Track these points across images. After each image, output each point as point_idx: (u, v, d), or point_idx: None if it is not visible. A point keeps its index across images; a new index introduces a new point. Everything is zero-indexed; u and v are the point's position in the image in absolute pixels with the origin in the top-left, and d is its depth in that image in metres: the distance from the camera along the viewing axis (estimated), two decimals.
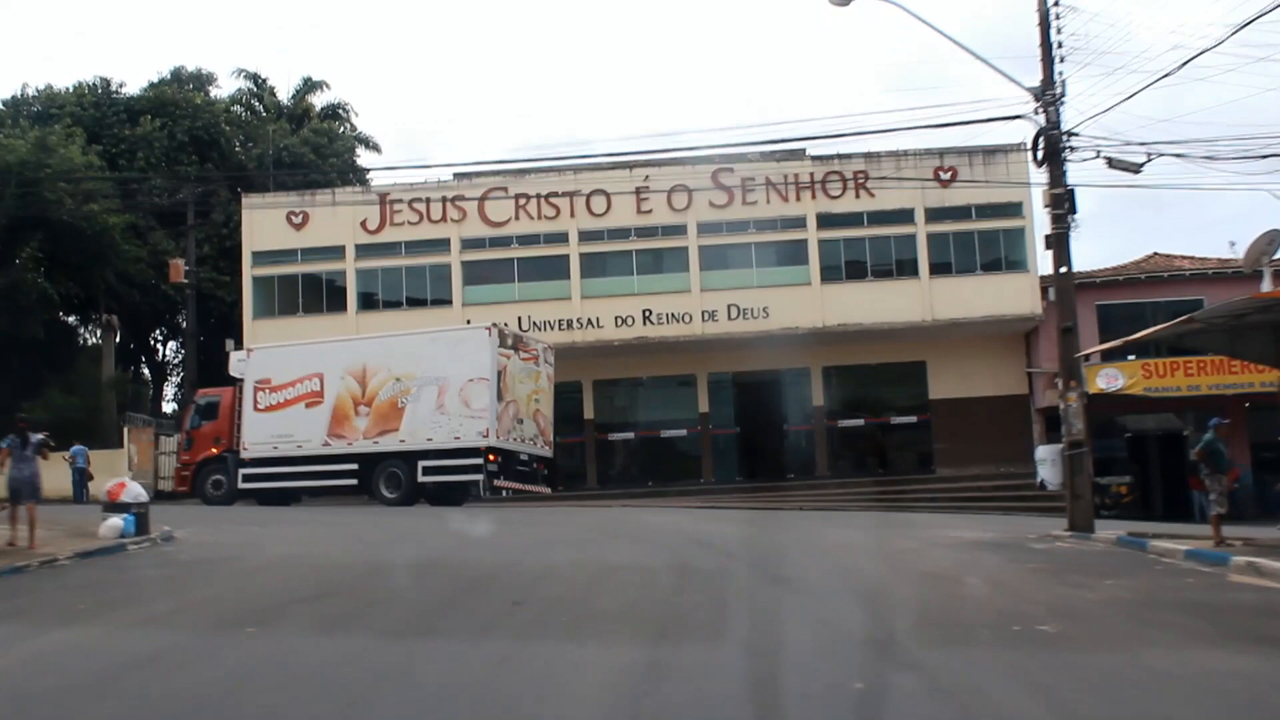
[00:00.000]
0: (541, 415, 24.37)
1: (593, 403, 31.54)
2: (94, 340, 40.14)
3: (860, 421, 31.75)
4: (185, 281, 34.06)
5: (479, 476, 22.43)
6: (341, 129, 45.95)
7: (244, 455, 23.86)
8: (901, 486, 28.80)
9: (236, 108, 44.22)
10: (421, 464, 22.55)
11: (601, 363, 31.14)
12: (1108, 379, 27.73)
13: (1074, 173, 15.30)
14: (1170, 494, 28.79)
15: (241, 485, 23.88)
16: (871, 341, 30.71)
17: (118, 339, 38.40)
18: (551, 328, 29.92)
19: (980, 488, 28.73)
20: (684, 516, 18.91)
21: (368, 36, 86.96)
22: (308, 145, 41.20)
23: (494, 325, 23.00)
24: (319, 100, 46.01)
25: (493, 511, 22.02)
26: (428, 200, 30.65)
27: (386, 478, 22.91)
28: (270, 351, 25.42)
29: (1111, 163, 15.17)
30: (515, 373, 23.32)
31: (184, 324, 38.25)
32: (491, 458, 22.29)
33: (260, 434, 23.72)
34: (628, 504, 26.48)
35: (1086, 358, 29.61)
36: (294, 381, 23.76)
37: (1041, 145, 15.27)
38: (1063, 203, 15.15)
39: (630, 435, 31.94)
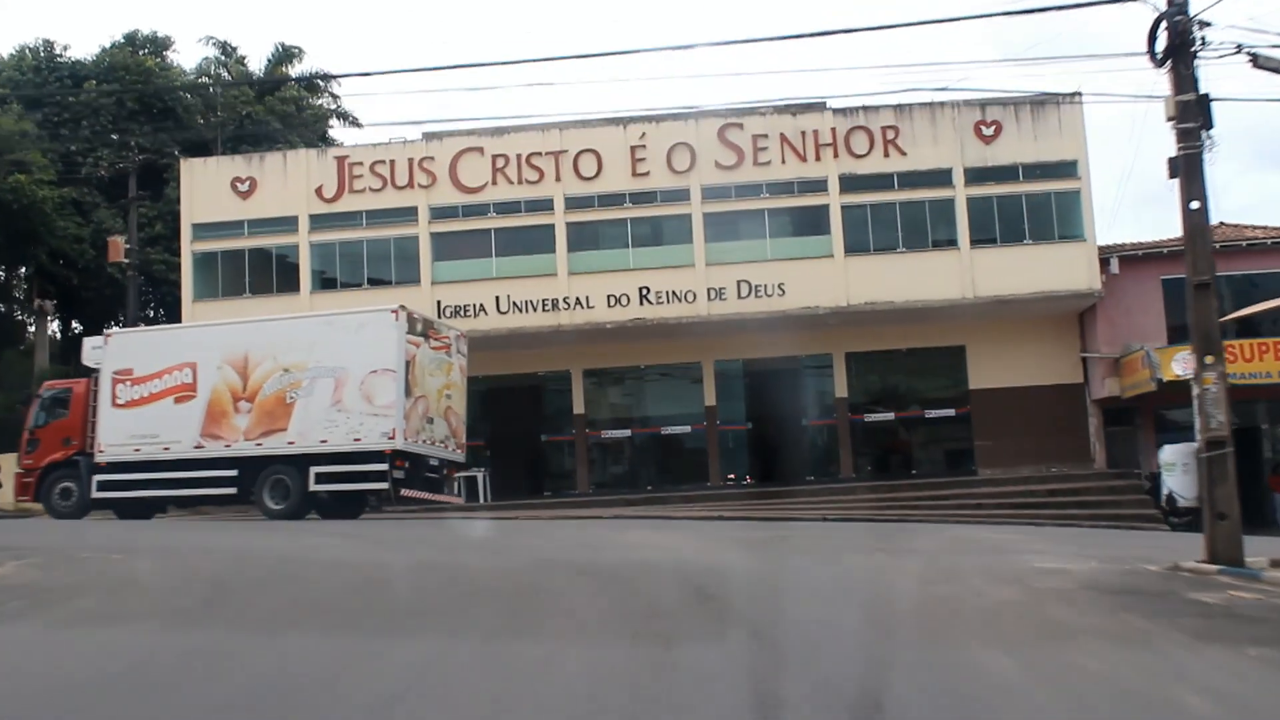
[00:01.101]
0: (454, 413, 20.86)
1: (582, 395, 27.56)
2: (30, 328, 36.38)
3: (889, 416, 27.70)
4: (125, 261, 30.26)
5: (383, 485, 18.91)
6: (319, 101, 42.16)
7: (99, 459, 19.91)
8: (939, 491, 24.77)
9: (204, 79, 40.49)
10: (314, 470, 19.01)
11: (592, 349, 27.19)
12: (1185, 363, 23.55)
13: (1208, 80, 11.34)
14: (1245, 497, 24.85)
15: (96, 494, 19.93)
16: (903, 323, 26.70)
17: (55, 327, 34.65)
18: (535, 308, 25.98)
19: (1031, 492, 24.71)
20: (684, 535, 14.92)
21: (356, 5, 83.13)
22: (274, 114, 37.40)
23: (401, 307, 19.46)
24: (295, 71, 42.15)
25: (412, 527, 18.12)
26: (391, 163, 26.69)
27: (271, 486, 19.27)
28: (133, 337, 21.93)
29: (1258, 61, 11.16)
30: (425, 364, 19.85)
31: (146, 309, 34.74)
32: (399, 463, 18.80)
33: (119, 434, 19.85)
34: (620, 514, 22.53)
35: (1170, 338, 26.00)
36: (161, 372, 19.93)
37: (1163, 37, 11.22)
38: (1194, 114, 11.10)
39: (626, 433, 27.94)
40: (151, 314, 35.59)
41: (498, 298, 25.97)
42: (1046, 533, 18.67)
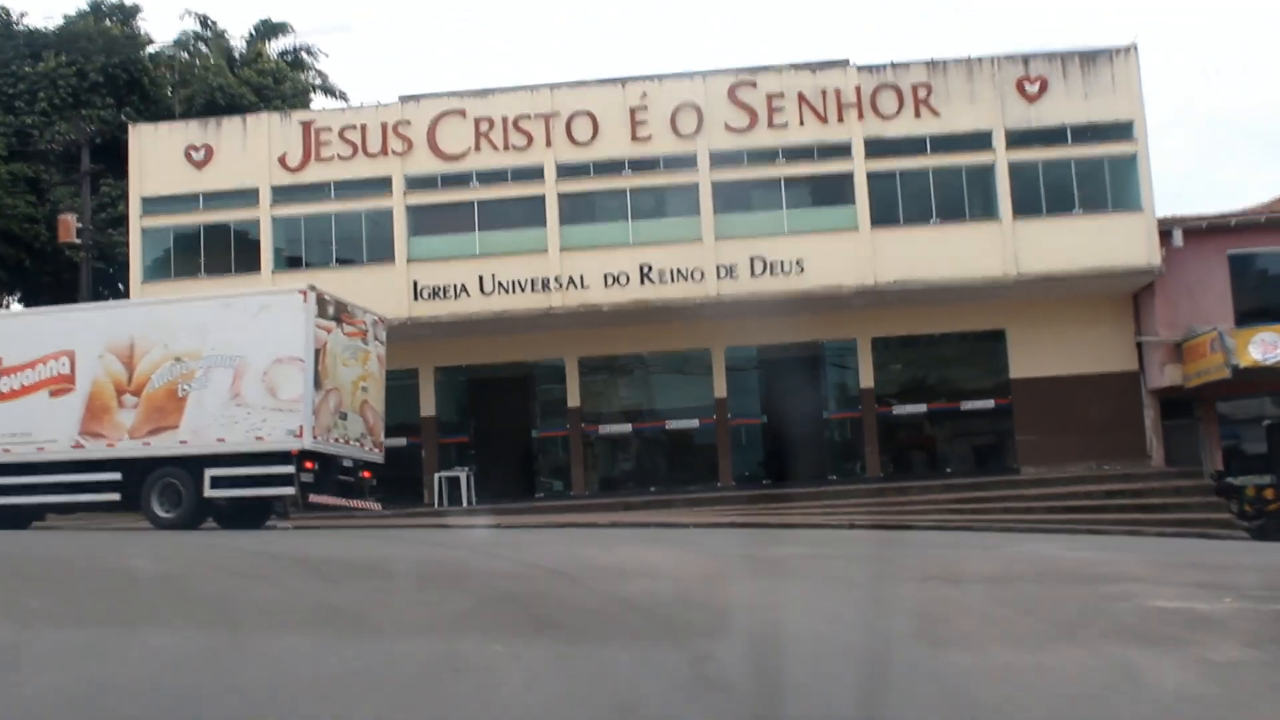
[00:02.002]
0: (370, 408, 18.38)
1: (578, 386, 24.71)
2: None
3: (921, 408, 24.79)
4: (77, 242, 27.52)
5: (289, 490, 16.56)
6: (305, 77, 39.41)
7: None
8: (980, 493, 21.86)
9: (184, 54, 37.78)
10: (209, 472, 16.61)
11: (588, 335, 24.36)
12: (1265, 347, 20.69)
13: None
14: None
15: None
16: (936, 304, 23.83)
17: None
18: (523, 289, 23.14)
19: (1086, 494, 21.80)
20: (684, 553, 12.06)
21: None
22: (248, 86, 34.61)
23: (311, 288, 17.04)
24: (280, 45, 39.44)
25: (311, 540, 15.37)
26: (363, 128, 23.88)
27: (161, 490, 16.84)
28: (2, 322, 19.56)
29: None
30: (338, 352, 17.45)
31: (105, 295, 32.02)
32: (307, 464, 16.49)
33: None
34: (619, 519, 19.70)
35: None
36: (33, 362, 17.38)
37: None
38: None
39: (626, 428, 25.08)
40: (117, 298, 32.87)
41: (481, 277, 23.16)
42: (1118, 545, 15.78)
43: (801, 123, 23.34)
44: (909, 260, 22.91)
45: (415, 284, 23.28)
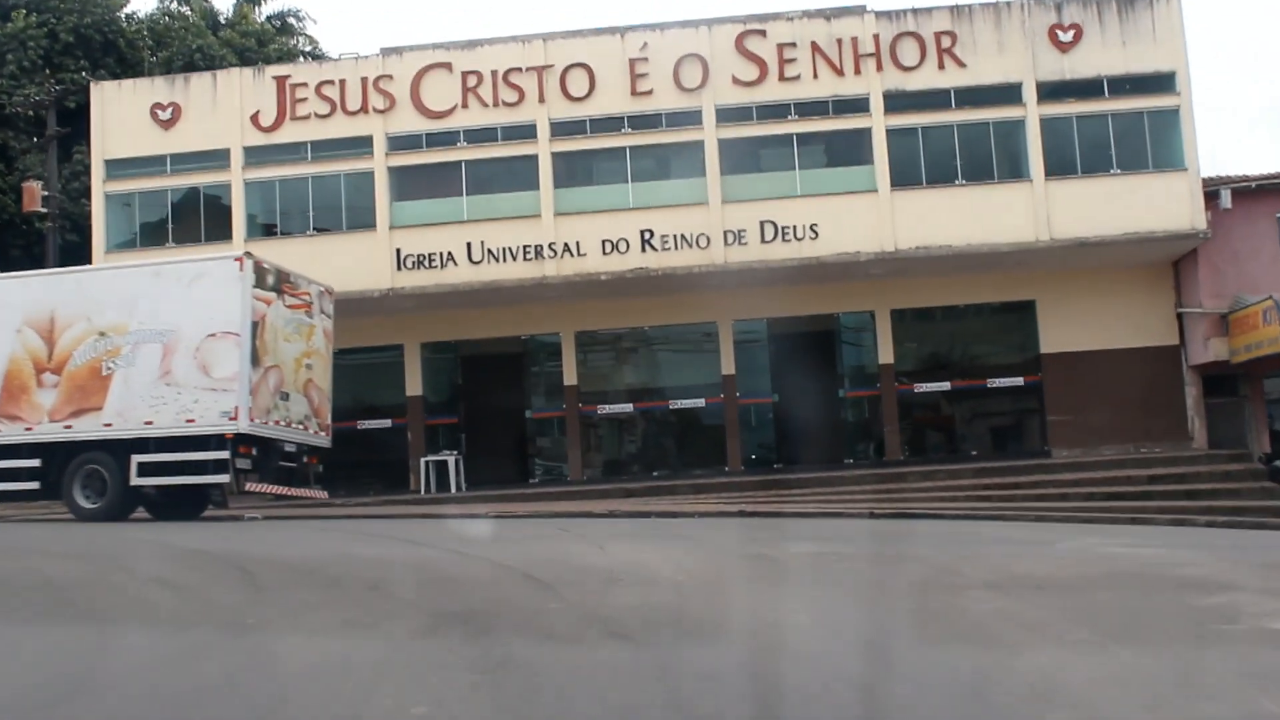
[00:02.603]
0: (315, 388, 17.03)
1: (574, 363, 22.97)
2: None
3: (944, 386, 23.01)
4: (43, 210, 25.84)
5: (224, 477, 15.17)
6: (292, 42, 37.65)
7: None
8: (1011, 478, 20.08)
9: (166, 19, 36.01)
10: (136, 459, 15.18)
11: (586, 307, 22.63)
12: None
13: None
14: None
15: None
16: (961, 273, 22.07)
17: None
18: (515, 257, 21.39)
19: (1126, 479, 20.02)
20: (685, 553, 10.33)
21: None
22: (230, 48, 32.85)
23: (247, 254, 15.73)
24: (267, 9, 37.67)
25: (271, 531, 13.73)
26: (341, 84, 22.09)
27: (84, 478, 15.45)
28: None
29: None
30: (279, 326, 16.05)
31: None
32: (243, 449, 15.17)
33: None
34: (617, 507, 18.00)
35: None
36: None
37: None
38: None
39: (627, 408, 23.35)
40: None
41: (470, 245, 21.41)
42: (1176, 538, 14.03)
43: (815, 75, 21.50)
44: (932, 225, 21.11)
45: (398, 252, 21.55)
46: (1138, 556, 10.57)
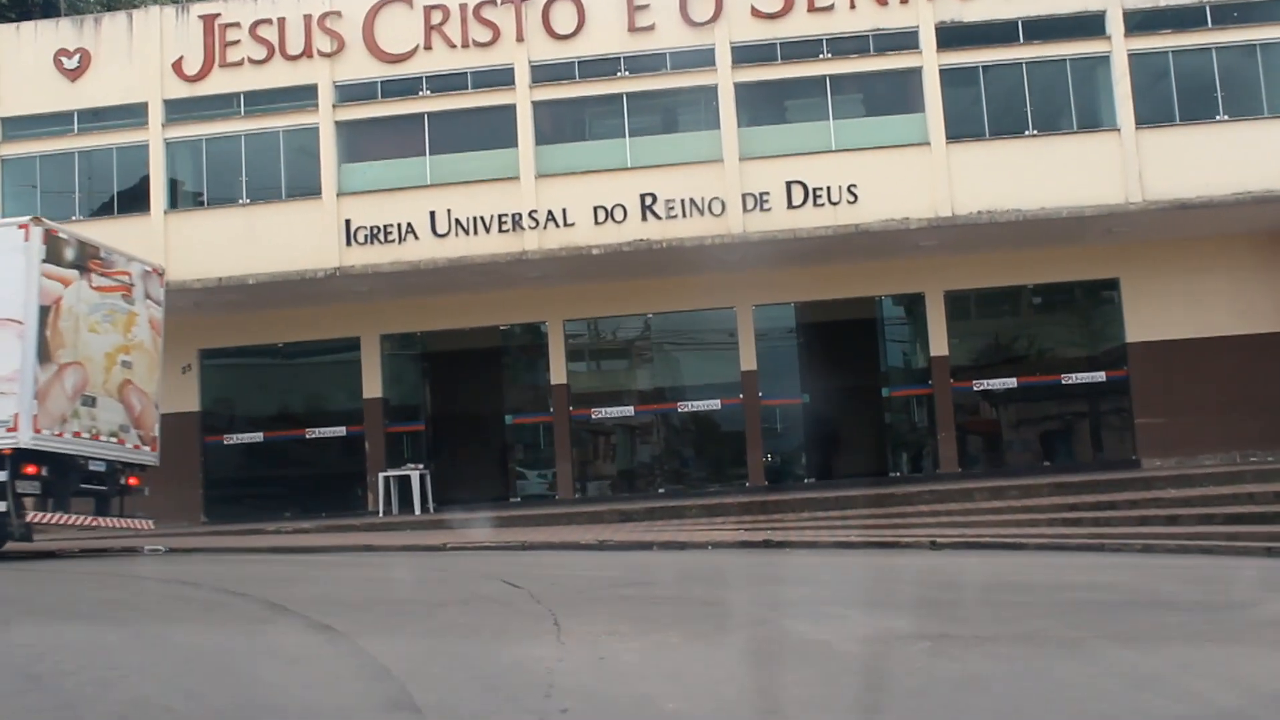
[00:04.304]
0: (136, 390, 13.90)
1: (563, 357, 19.12)
2: None
3: (1010, 382, 19.01)
4: None
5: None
6: None
7: None
8: (1099, 496, 16.07)
9: None
10: None
11: (575, 290, 18.84)
12: None
13: None
14: None
15: None
16: (1030, 244, 18.22)
17: None
18: (488, 228, 17.61)
19: (1248, 496, 15.93)
20: (695, 635, 6.41)
21: None
22: None
23: (36, 220, 12.77)
24: None
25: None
26: (281, 22, 18.34)
27: None
28: None
29: None
30: (81, 313, 13.03)
31: None
32: (28, 468, 12.01)
33: None
34: (609, 537, 14.13)
35: None
36: None
37: None
38: None
39: (626, 411, 19.45)
40: None
41: (433, 214, 17.62)
42: None
43: (852, 4, 17.65)
44: (996, 185, 17.23)
45: (348, 224, 17.78)
46: None
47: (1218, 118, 17.42)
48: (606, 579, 9.36)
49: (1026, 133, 17.57)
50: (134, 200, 18.44)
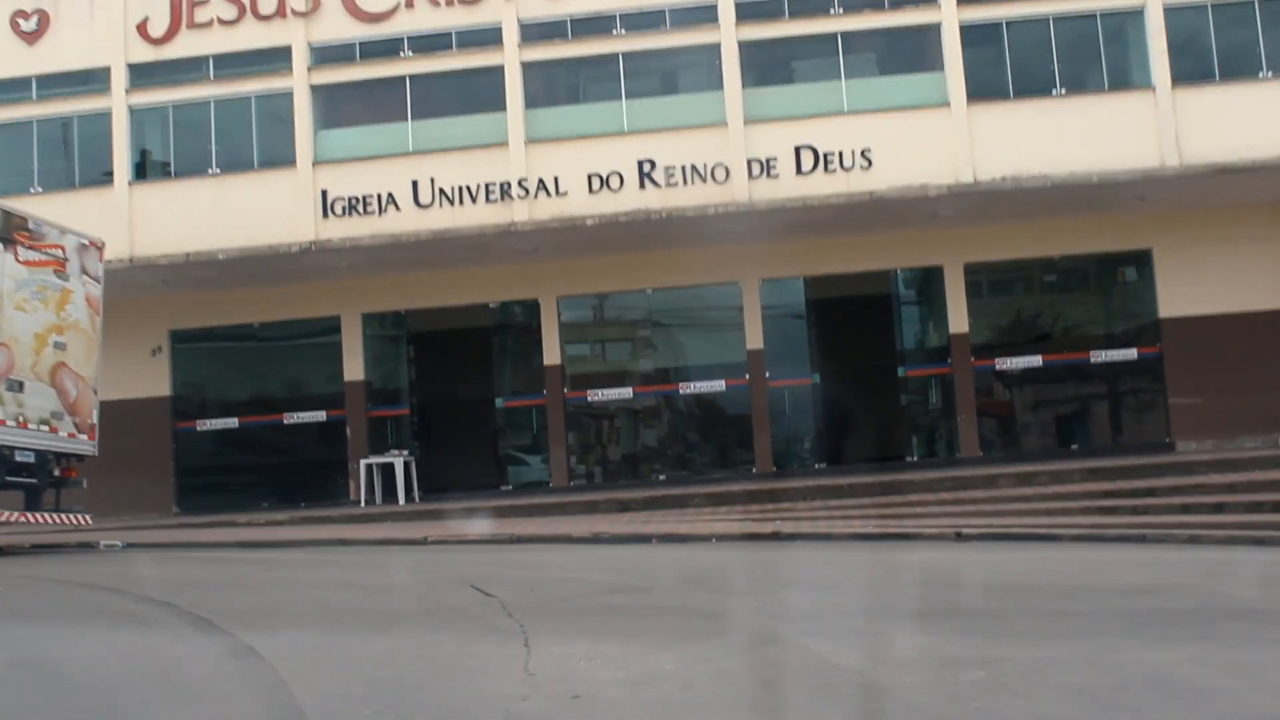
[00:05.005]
0: (71, 374, 12.73)
1: (557, 336, 17.92)
2: None
3: (1034, 361, 17.77)
4: None
5: None
6: None
7: None
8: (1136, 482, 14.84)
9: None
10: None
11: (569, 264, 17.66)
12: None
13: None
14: None
15: None
16: (1056, 213, 17.00)
17: None
18: (474, 198, 16.40)
19: None
20: (688, 656, 5.23)
21: None
22: None
23: None
24: None
25: None
26: None
27: None
28: None
29: None
30: (6, 289, 11.93)
31: None
32: None
33: None
34: (603, 531, 12.95)
35: None
36: None
37: None
38: None
39: (626, 394, 18.26)
40: None
41: (416, 183, 16.41)
42: None
43: None
44: (1021, 149, 15.98)
45: (324, 195, 16.58)
46: None
47: (1261, 75, 16.14)
48: (595, 583, 8.18)
49: (1054, 92, 16.31)
50: (96, 171, 17.25)
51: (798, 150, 16.05)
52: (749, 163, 16.06)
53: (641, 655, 5.36)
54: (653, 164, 16.14)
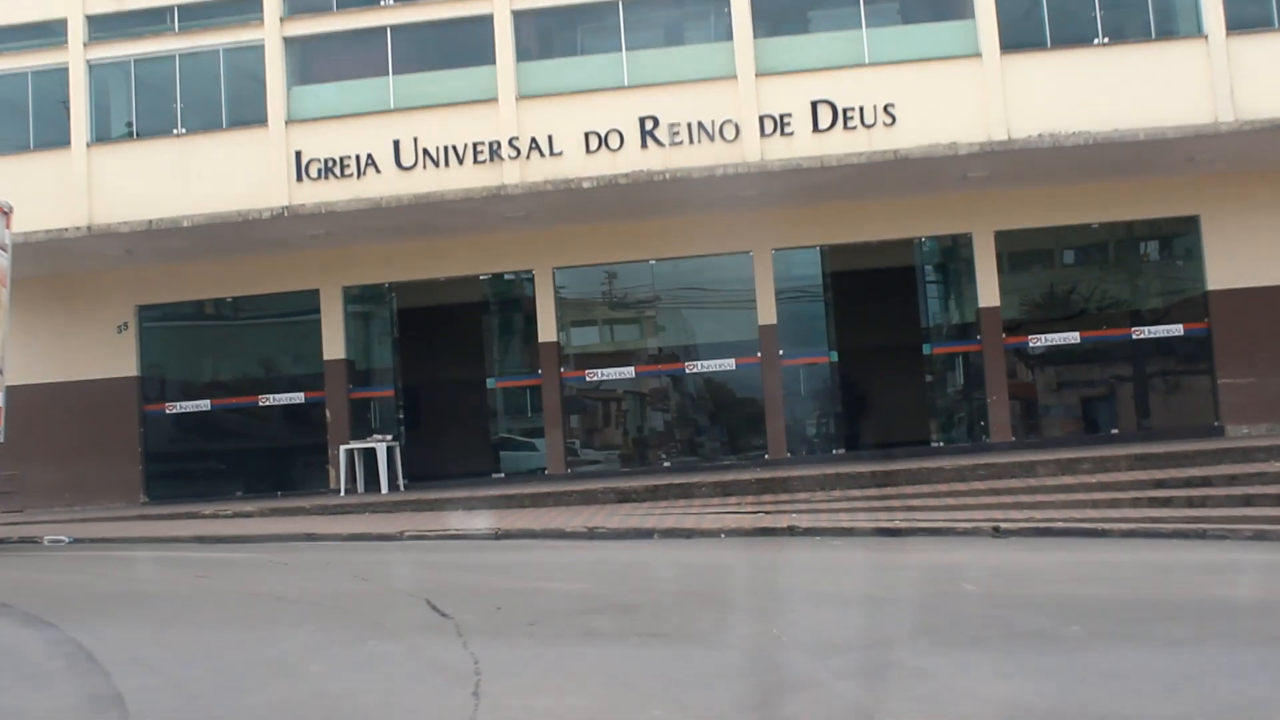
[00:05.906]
0: None
1: (553, 311, 16.53)
2: None
3: (1072, 337, 16.36)
4: None
5: None
6: None
7: None
8: (1187, 470, 13.44)
9: None
10: None
11: (565, 232, 16.27)
12: None
13: None
14: None
15: None
16: (1096, 176, 15.58)
17: None
18: (460, 159, 14.99)
19: None
20: (678, 701, 3.93)
21: None
22: None
23: None
24: None
25: None
26: None
27: None
28: None
29: None
30: None
31: None
32: None
33: None
34: (600, 525, 11.65)
35: None
36: None
37: None
38: None
39: (628, 373, 16.88)
40: None
41: (398, 143, 15.01)
42: None
43: None
44: (1059, 104, 14.49)
45: (299, 156, 15.19)
46: None
47: None
48: (578, 596, 6.82)
49: (1095, 41, 14.81)
50: (52, 132, 15.84)
51: (814, 105, 14.60)
52: (761, 119, 14.62)
53: (622, 707, 4.00)
54: (656, 121, 14.71)
